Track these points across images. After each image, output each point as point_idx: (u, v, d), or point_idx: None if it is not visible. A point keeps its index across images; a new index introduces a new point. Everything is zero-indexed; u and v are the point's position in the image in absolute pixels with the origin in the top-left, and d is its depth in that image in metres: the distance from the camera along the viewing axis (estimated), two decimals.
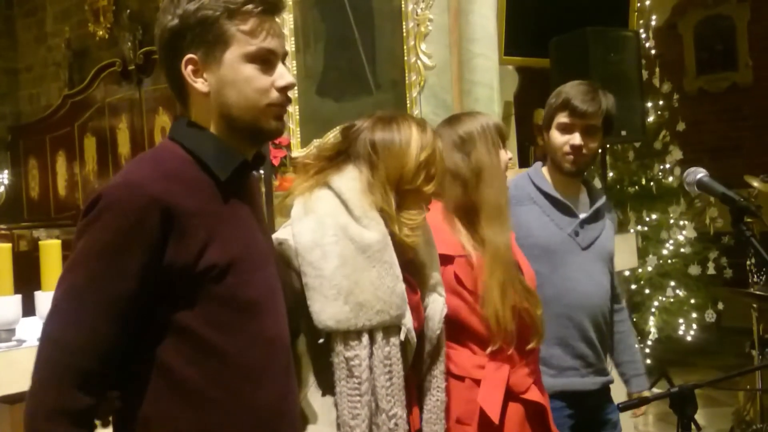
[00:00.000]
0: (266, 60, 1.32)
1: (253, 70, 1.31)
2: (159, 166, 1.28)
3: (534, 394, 1.89)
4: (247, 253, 1.33)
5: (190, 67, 1.31)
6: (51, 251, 2.06)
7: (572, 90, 2.21)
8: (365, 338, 1.53)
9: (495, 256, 1.83)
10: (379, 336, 1.55)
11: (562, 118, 2.19)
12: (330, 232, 1.55)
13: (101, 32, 7.55)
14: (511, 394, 1.85)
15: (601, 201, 2.30)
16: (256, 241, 1.37)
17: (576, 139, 2.18)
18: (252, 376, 1.30)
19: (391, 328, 1.57)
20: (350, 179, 1.61)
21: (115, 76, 7.06)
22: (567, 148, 2.19)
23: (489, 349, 1.83)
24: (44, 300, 1.99)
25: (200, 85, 1.31)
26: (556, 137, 2.21)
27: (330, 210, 1.57)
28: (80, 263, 1.23)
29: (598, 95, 2.21)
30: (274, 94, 1.33)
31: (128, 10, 7.11)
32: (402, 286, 1.59)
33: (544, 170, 2.30)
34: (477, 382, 1.84)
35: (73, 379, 1.19)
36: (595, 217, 2.26)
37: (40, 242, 2.13)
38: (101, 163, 7.30)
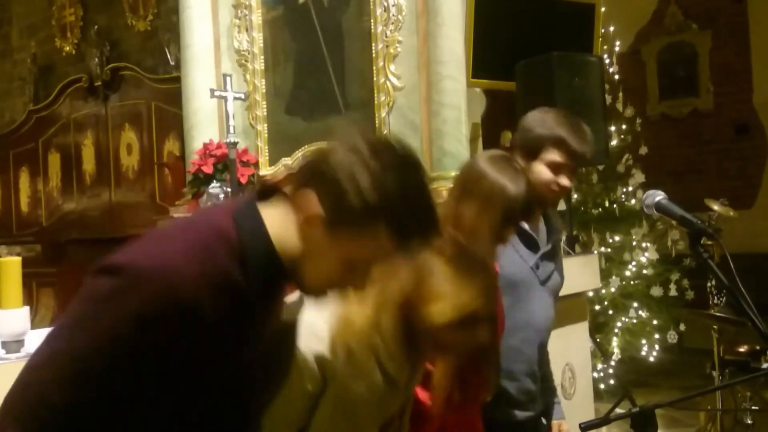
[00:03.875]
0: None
1: (350, 273, 1.24)
2: (206, 261, 1.14)
3: None
4: (241, 377, 1.25)
5: (312, 224, 1.20)
6: (11, 268, 2.02)
7: (564, 127, 2.08)
8: None
9: None
10: None
11: (555, 156, 2.08)
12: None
13: (68, 48, 7.47)
14: None
15: (561, 236, 2.27)
16: (255, 366, 1.30)
17: (566, 180, 2.10)
18: None
19: None
20: None
21: (81, 92, 6.97)
22: (555, 187, 2.11)
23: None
24: (3, 319, 1.95)
25: (311, 236, 1.21)
26: (544, 173, 2.10)
27: None
28: (88, 343, 1.12)
29: (587, 134, 2.12)
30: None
31: (96, 26, 7.05)
32: None
33: None
34: None
35: None
36: (552, 250, 2.22)
37: (0, 259, 2.09)
38: (65, 180, 7.19)
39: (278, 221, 1.23)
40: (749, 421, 3.89)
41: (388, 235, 1.17)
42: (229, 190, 4.05)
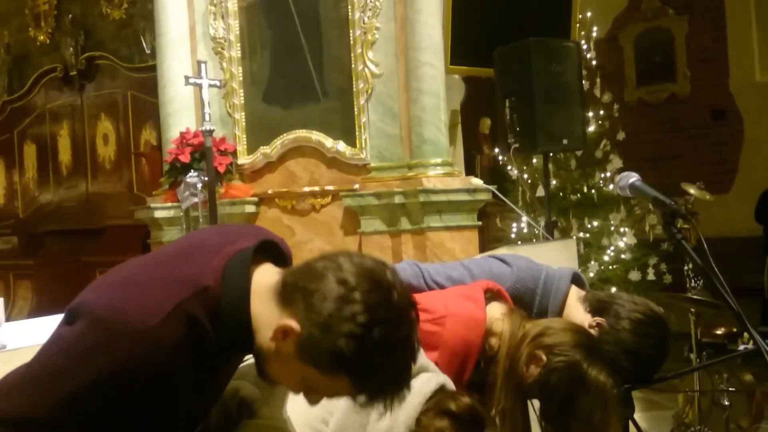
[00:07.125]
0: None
1: (307, 392, 1.22)
2: (183, 322, 1.13)
3: None
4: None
5: (287, 337, 1.15)
6: None
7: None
8: None
9: None
10: None
11: None
12: None
13: (42, 37, 7.36)
14: None
15: None
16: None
17: None
18: None
19: None
20: None
21: (56, 81, 6.89)
22: None
23: None
24: None
25: (282, 346, 1.16)
26: None
27: None
28: (60, 395, 1.11)
29: None
30: None
31: (70, 15, 6.95)
32: None
33: None
34: None
35: None
36: None
37: None
38: (41, 171, 7.12)
39: (264, 298, 1.18)
40: (726, 402, 3.94)
41: (350, 387, 1.16)
42: (206, 179, 4.03)
